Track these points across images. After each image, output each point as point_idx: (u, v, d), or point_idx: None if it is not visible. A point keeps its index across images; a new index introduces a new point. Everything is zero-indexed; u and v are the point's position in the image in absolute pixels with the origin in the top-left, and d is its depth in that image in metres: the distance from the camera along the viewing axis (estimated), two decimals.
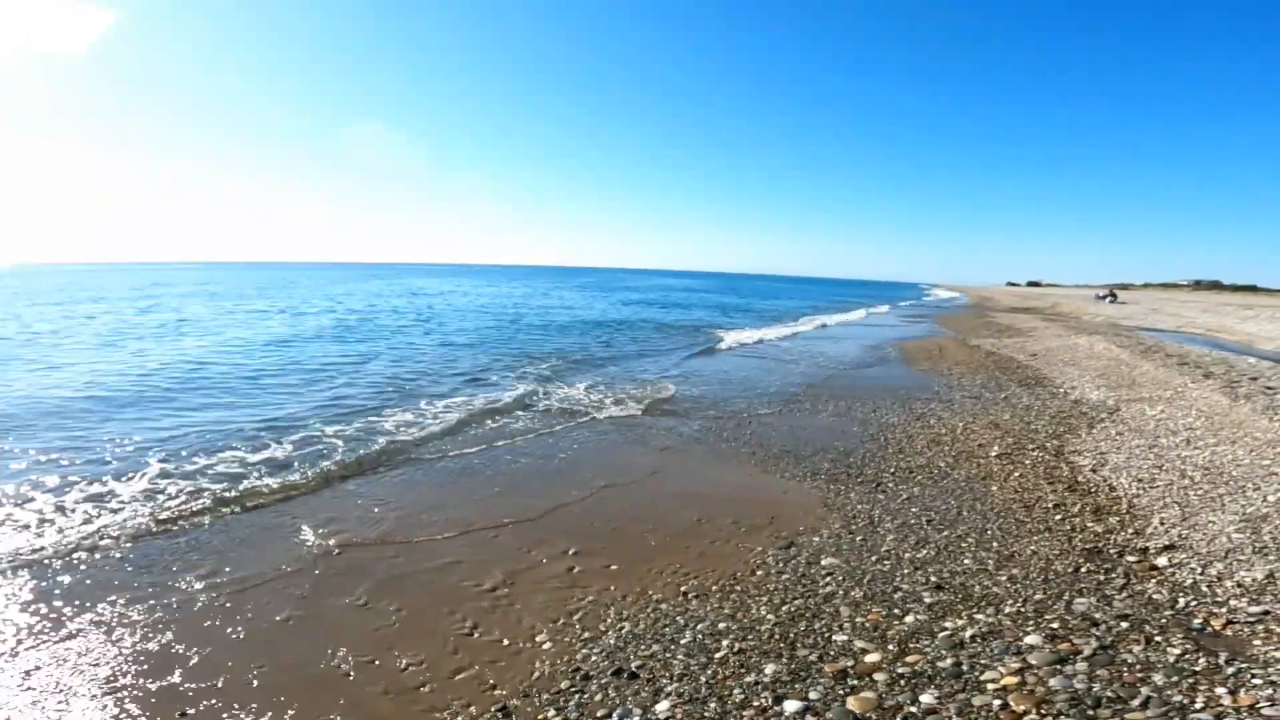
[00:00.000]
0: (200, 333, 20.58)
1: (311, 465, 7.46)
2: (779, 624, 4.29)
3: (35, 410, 9.84)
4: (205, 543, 5.58)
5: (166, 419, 9.47)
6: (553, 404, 11.00)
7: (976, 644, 3.89)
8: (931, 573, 4.97)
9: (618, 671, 3.82)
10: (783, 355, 18.57)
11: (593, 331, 23.10)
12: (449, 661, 3.99)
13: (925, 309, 48.90)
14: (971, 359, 17.40)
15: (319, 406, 10.51)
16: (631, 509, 6.53)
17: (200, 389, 11.76)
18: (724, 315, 35.17)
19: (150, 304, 33.02)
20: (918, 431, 9.38)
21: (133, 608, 4.51)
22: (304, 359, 15.44)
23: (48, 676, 3.74)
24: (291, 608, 4.56)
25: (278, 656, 4.01)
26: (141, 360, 14.64)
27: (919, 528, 5.90)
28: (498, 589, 4.87)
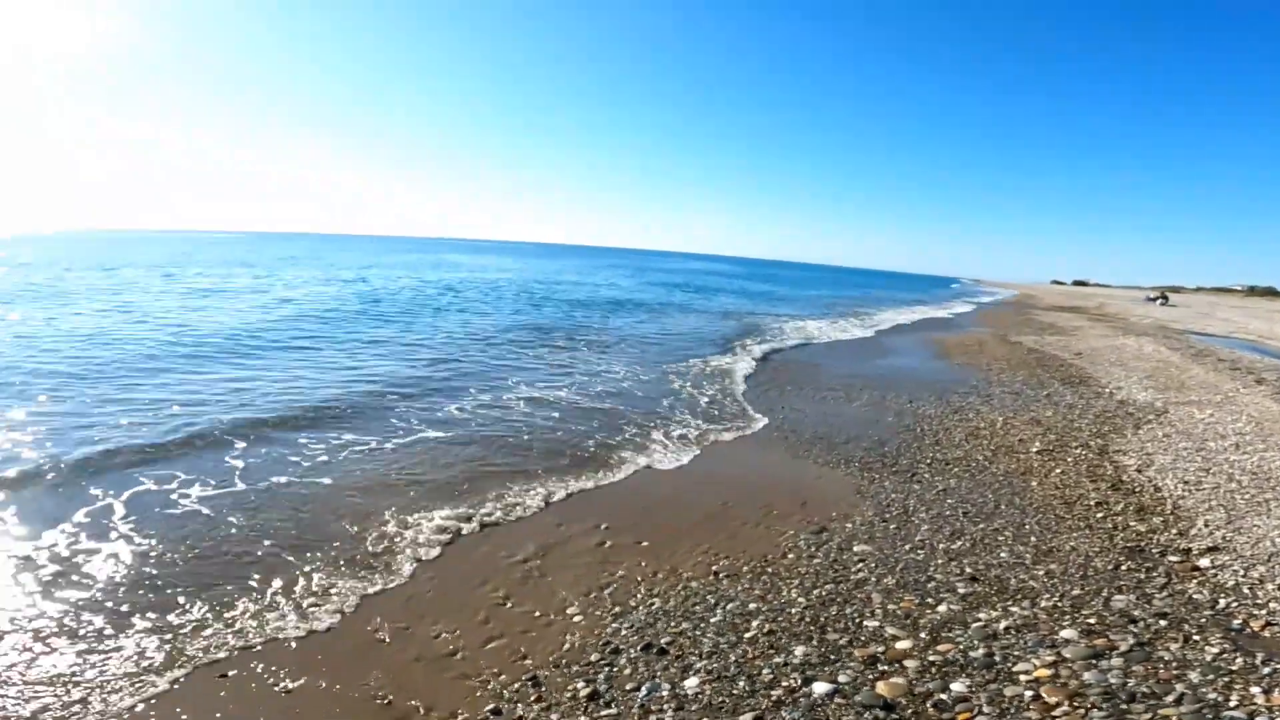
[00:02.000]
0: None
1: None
2: (809, 607, 4.28)
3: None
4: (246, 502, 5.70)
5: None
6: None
7: (1010, 636, 3.84)
8: (966, 564, 4.91)
9: (647, 646, 3.84)
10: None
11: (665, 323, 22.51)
12: (481, 631, 4.05)
13: (973, 305, 48.02)
14: (1012, 355, 17.09)
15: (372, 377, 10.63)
16: (662, 489, 6.56)
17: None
18: (792, 307, 34.17)
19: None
20: (955, 424, 9.25)
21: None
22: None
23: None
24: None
25: None
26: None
27: (955, 519, 5.83)
28: (529, 561, 4.93)
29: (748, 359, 14.54)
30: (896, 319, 29.49)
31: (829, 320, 26.22)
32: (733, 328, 20.81)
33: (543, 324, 18.62)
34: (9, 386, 8.83)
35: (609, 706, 3.34)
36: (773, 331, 20.25)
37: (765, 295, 41.77)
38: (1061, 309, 43.99)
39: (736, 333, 19.43)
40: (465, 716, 3.29)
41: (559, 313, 22.19)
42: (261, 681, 3.51)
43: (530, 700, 3.40)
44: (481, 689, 3.50)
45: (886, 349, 18.29)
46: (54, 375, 9.63)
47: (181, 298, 21.19)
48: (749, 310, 28.76)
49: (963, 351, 17.98)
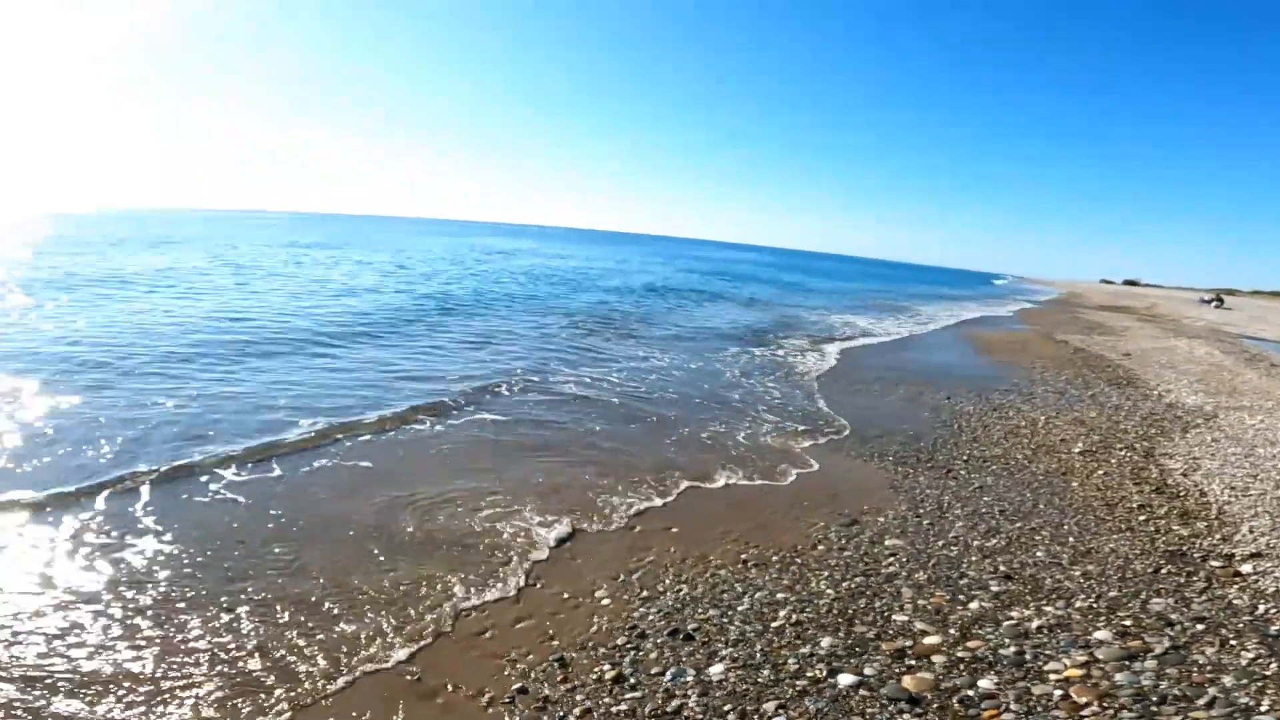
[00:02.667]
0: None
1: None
2: (838, 599, 4.26)
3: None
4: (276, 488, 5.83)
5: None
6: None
7: (1042, 635, 3.79)
8: (1001, 562, 4.85)
9: (674, 632, 3.86)
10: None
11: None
12: (510, 611, 4.10)
13: (1016, 302, 47.05)
14: (1057, 354, 16.74)
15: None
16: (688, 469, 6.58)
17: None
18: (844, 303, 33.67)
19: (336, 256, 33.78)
20: (994, 422, 9.10)
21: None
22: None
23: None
24: (365, 543, 4.76)
25: (350, 586, 4.20)
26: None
27: (990, 517, 5.75)
28: (562, 543, 4.98)
29: (785, 350, 14.43)
30: (935, 313, 29.06)
31: (864, 313, 25.93)
32: (767, 319, 20.67)
33: (600, 312, 18.60)
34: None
35: (634, 690, 3.37)
36: (808, 324, 20.10)
37: (798, 286, 41.41)
38: (1110, 308, 42.90)
39: (771, 324, 19.32)
40: (492, 695, 3.34)
41: (614, 299, 22.18)
42: (300, 657, 3.59)
43: (557, 681, 3.44)
44: (510, 668, 3.56)
45: (924, 344, 18.04)
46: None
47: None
48: (783, 301, 28.58)
49: (1004, 349, 17.65)
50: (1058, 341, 19.86)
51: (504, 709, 3.25)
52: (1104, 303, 51.05)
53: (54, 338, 10.28)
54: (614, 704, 3.27)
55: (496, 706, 3.26)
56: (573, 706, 3.25)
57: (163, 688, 3.24)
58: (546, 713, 3.22)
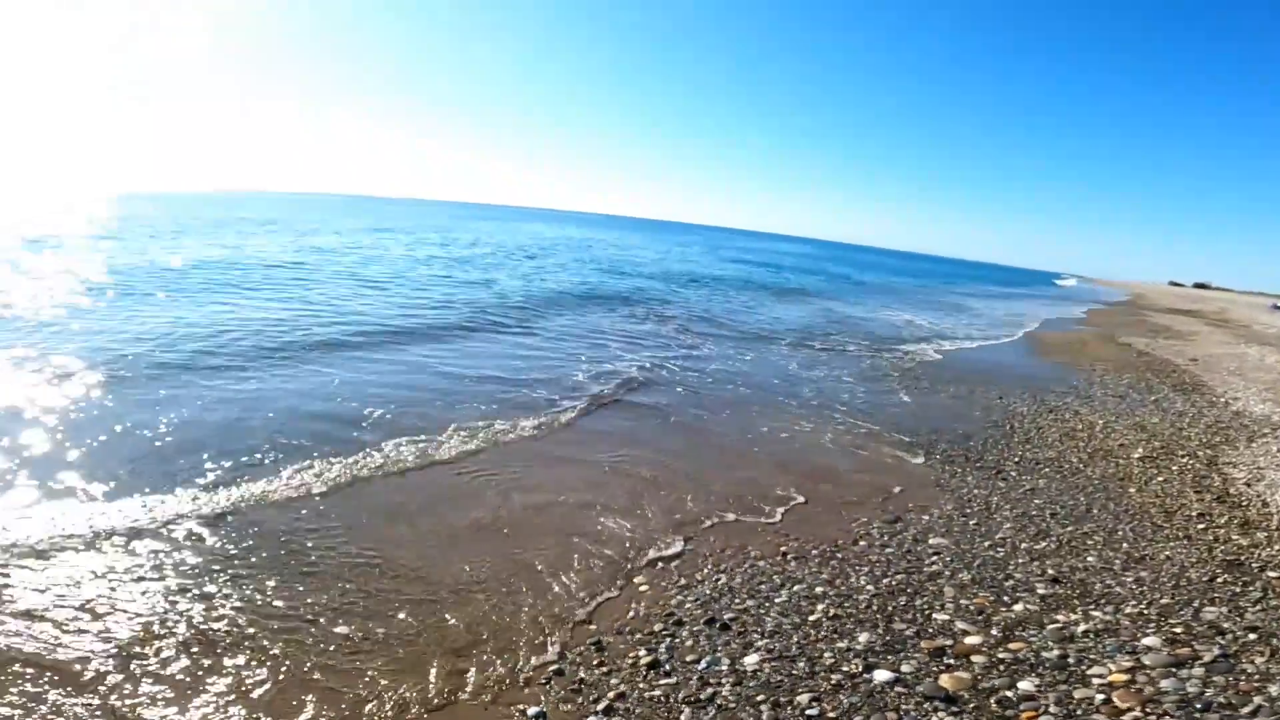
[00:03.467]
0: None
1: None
2: (877, 596, 4.22)
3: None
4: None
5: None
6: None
7: (1088, 639, 3.70)
8: (1049, 565, 4.74)
9: (710, 621, 3.88)
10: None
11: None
12: (549, 592, 4.16)
13: (1077, 302, 45.67)
14: (1119, 357, 16.22)
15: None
16: (733, 465, 6.57)
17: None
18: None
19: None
20: (1049, 424, 8.88)
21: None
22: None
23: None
24: (413, 526, 4.87)
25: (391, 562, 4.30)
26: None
27: (1041, 520, 5.63)
28: (602, 528, 5.02)
29: (848, 348, 14.26)
30: (992, 311, 28.40)
31: (916, 309, 25.49)
32: (823, 317, 20.40)
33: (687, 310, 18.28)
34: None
35: (668, 676, 3.40)
36: (855, 321, 19.79)
37: (849, 280, 40.75)
38: (1177, 312, 41.33)
39: (819, 320, 19.09)
40: (529, 674, 3.40)
41: (689, 294, 21.98)
42: (345, 628, 3.69)
43: (593, 664, 3.49)
44: (548, 648, 3.61)
45: (978, 342, 17.60)
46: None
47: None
48: (839, 296, 28.08)
49: (1063, 349, 17.17)
50: (1120, 344, 19.24)
51: (540, 689, 3.30)
52: (1172, 305, 49.20)
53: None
54: (648, 689, 3.30)
55: (533, 686, 3.32)
56: (607, 690, 3.29)
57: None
58: (581, 694, 3.27)
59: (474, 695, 3.25)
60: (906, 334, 17.83)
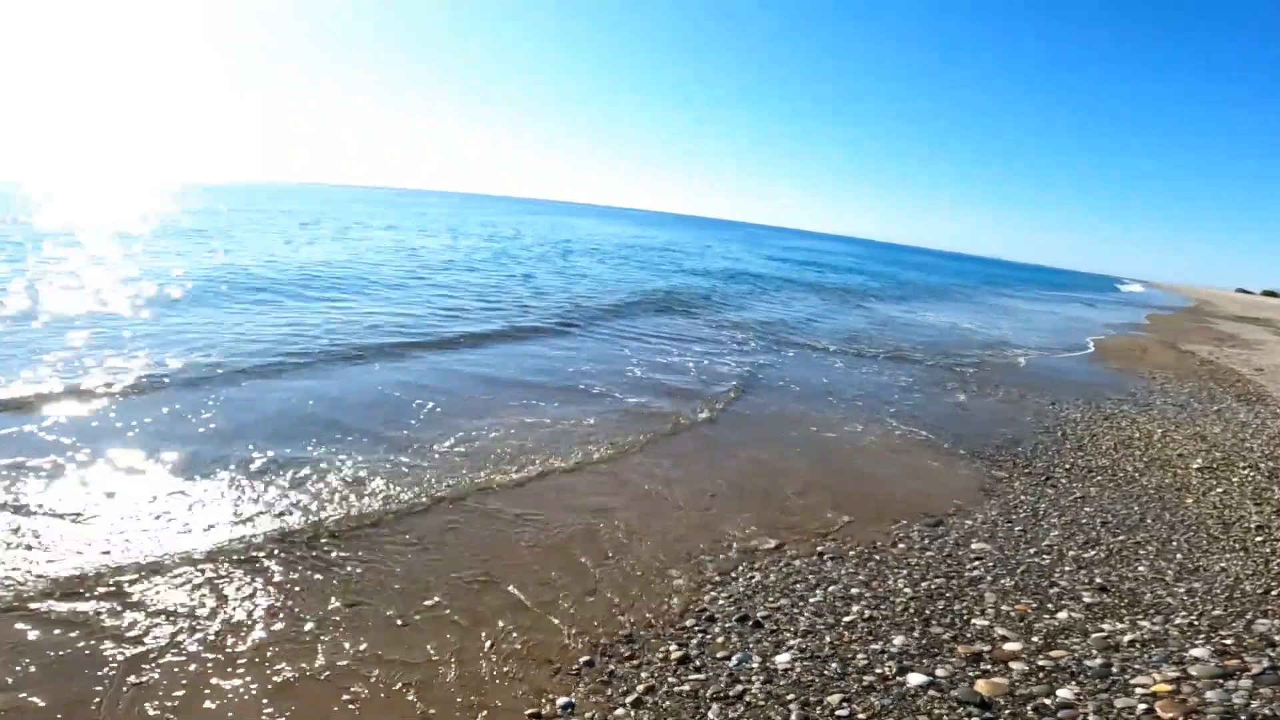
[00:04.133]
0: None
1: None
2: (915, 599, 4.15)
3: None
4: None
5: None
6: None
7: (1134, 649, 3.58)
8: (1097, 574, 4.60)
9: (743, 618, 3.85)
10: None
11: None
12: (582, 583, 4.18)
13: (1138, 307, 44.22)
14: (1180, 364, 15.65)
15: None
16: (772, 462, 6.53)
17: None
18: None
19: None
20: (1104, 431, 8.62)
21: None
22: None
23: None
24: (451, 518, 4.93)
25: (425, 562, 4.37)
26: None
27: (1091, 528, 5.47)
28: (635, 521, 5.03)
29: (875, 348, 14.03)
30: (1046, 315, 27.62)
31: (964, 311, 24.98)
32: (860, 317, 20.10)
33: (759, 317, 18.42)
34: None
35: (698, 671, 3.39)
36: (900, 323, 19.42)
37: (892, 279, 39.99)
38: (1244, 319, 39.69)
39: (862, 321, 18.79)
40: (560, 665, 3.42)
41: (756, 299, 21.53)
42: (381, 611, 3.75)
43: (623, 656, 3.50)
44: (579, 640, 3.63)
45: (1031, 345, 17.14)
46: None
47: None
48: (875, 294, 27.55)
49: (1121, 356, 16.64)
50: (1183, 351, 18.57)
51: (570, 679, 3.32)
52: (1238, 313, 47.28)
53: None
54: (677, 684, 3.29)
55: (563, 676, 3.34)
56: (636, 683, 3.29)
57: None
58: (611, 686, 3.27)
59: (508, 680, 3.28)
60: (954, 337, 17.41)
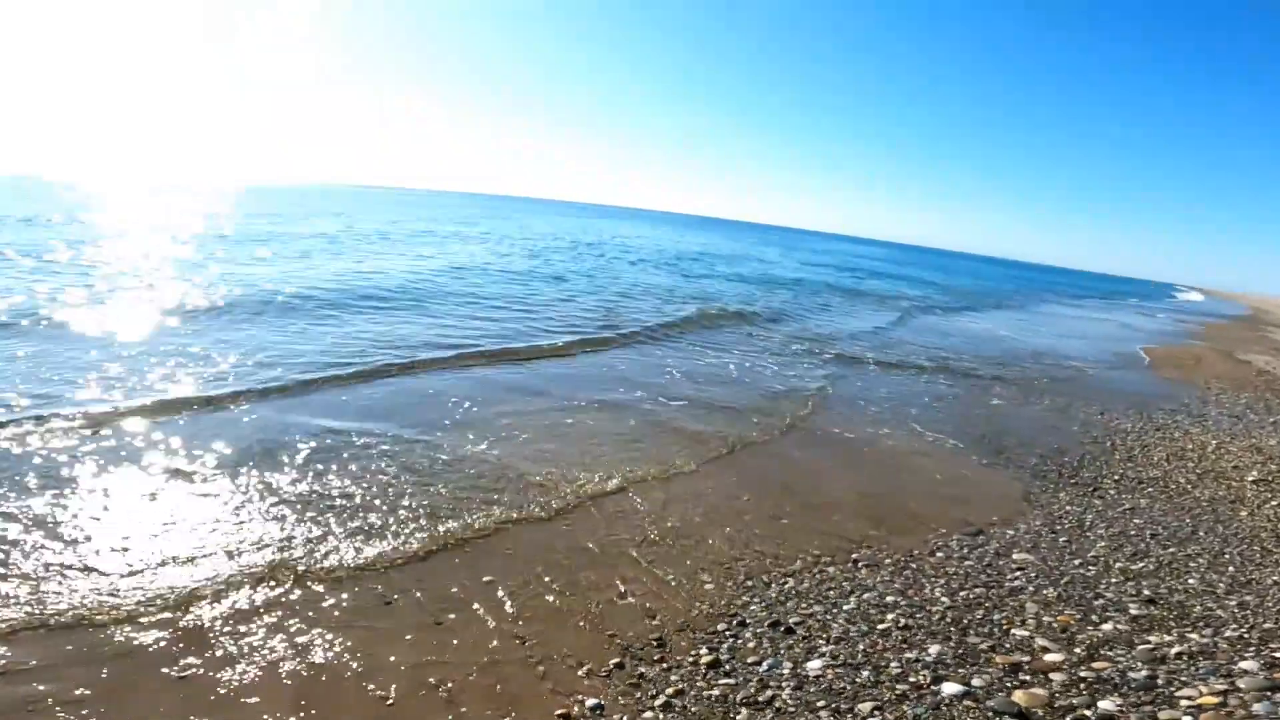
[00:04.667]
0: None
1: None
2: (952, 608, 4.06)
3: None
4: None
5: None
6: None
7: (1181, 661, 3.46)
8: (1145, 586, 4.46)
9: (775, 624, 3.82)
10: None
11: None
12: (615, 587, 4.18)
13: (1192, 316, 42.82)
14: (1237, 375, 15.12)
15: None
16: (808, 466, 6.49)
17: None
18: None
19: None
20: (1155, 442, 8.36)
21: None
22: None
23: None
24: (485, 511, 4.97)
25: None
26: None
27: (1140, 540, 5.32)
28: (671, 524, 5.03)
29: (914, 355, 13.78)
30: (1096, 322, 26.88)
31: (1009, 319, 24.48)
32: (900, 324, 19.76)
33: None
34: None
35: (728, 676, 3.36)
36: (942, 330, 19.02)
37: (932, 285, 39.13)
38: None
39: (903, 328, 18.44)
40: (590, 666, 3.42)
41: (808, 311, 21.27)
42: (418, 611, 3.80)
43: (654, 660, 3.49)
44: (609, 642, 3.63)
45: (1075, 353, 16.68)
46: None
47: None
48: (915, 300, 26.91)
49: (1174, 365, 16.13)
50: (1239, 361, 17.94)
51: (600, 681, 3.32)
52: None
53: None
54: (707, 688, 3.27)
55: (593, 678, 3.34)
56: (666, 686, 3.28)
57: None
58: (640, 689, 3.26)
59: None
60: (997, 345, 16.99)
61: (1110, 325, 27.75)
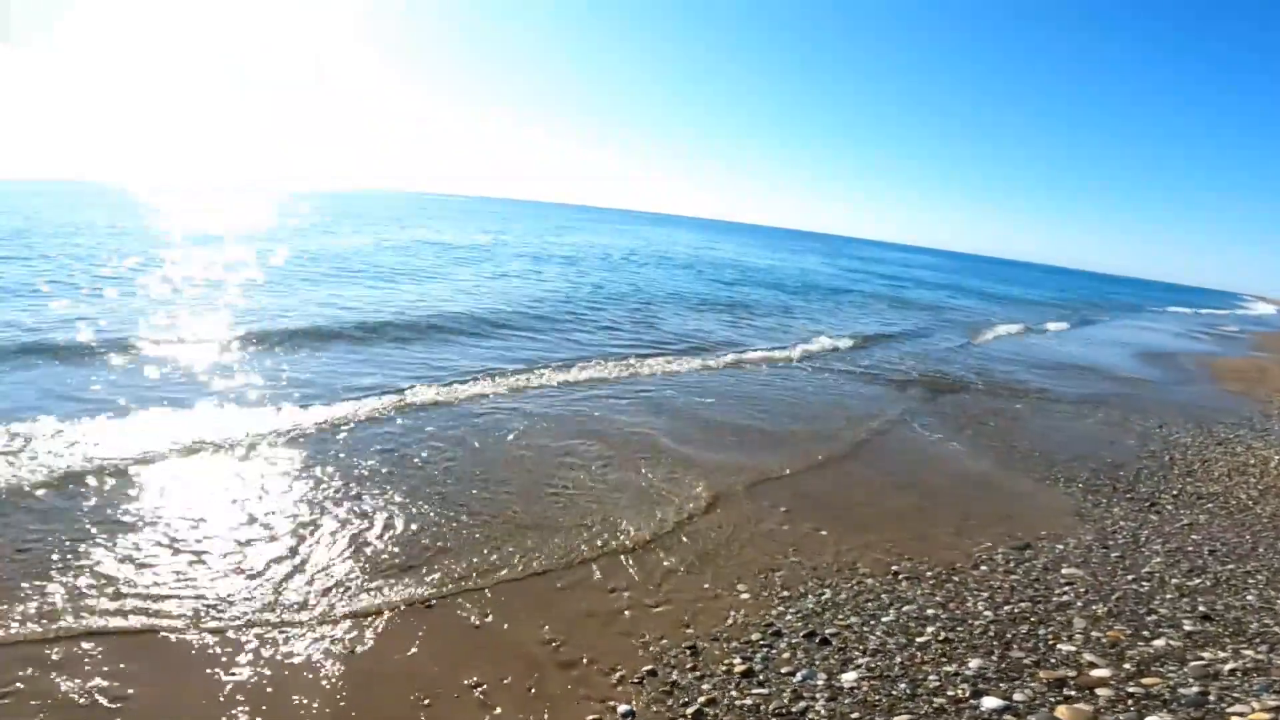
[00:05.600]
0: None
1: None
2: (996, 622, 3.97)
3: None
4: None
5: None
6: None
7: (1234, 678, 3.32)
8: (1201, 602, 4.30)
9: (810, 634, 3.77)
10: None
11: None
12: (651, 594, 4.18)
13: (1257, 326, 41.09)
14: None
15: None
16: (849, 479, 6.40)
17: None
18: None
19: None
20: (1217, 457, 8.06)
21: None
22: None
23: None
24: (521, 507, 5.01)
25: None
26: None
27: (1197, 556, 5.13)
28: (708, 533, 5.01)
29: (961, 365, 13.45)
30: (1155, 331, 25.93)
31: (1062, 327, 23.87)
32: (951, 333, 19.31)
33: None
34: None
35: (761, 686, 3.33)
36: (991, 338, 18.53)
37: (990, 296, 38.00)
38: None
39: (953, 336, 18.02)
40: (624, 673, 3.42)
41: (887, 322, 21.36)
42: (458, 615, 3.85)
43: (686, 668, 3.48)
44: (643, 649, 3.64)
45: (1132, 366, 16.12)
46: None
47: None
48: (972, 311, 26.26)
49: (1237, 378, 15.51)
50: None
51: (632, 688, 3.32)
52: None
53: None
54: (739, 697, 3.24)
55: (626, 685, 3.34)
56: (698, 694, 3.27)
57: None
58: (673, 696, 3.26)
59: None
60: (1050, 352, 16.60)
61: (1168, 335, 26.80)
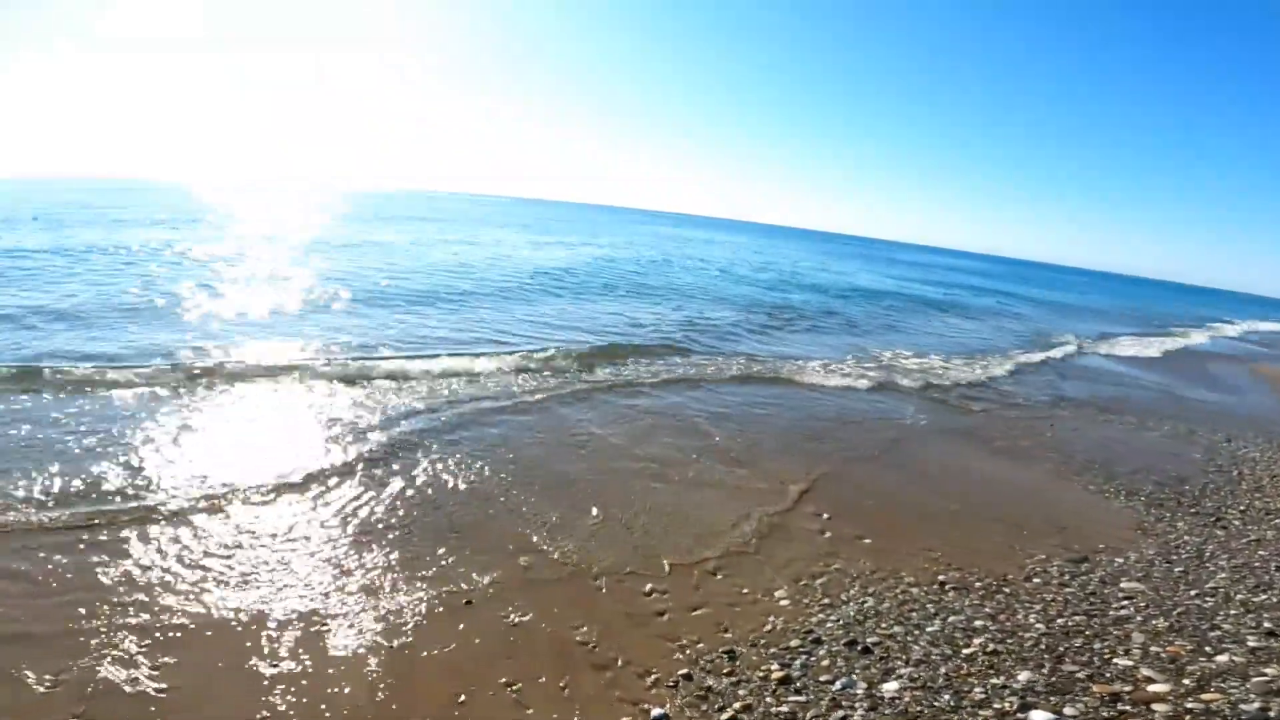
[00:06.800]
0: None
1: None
2: (1048, 635, 3.82)
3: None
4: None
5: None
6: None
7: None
8: (1267, 618, 4.08)
9: (851, 643, 3.68)
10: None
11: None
12: (689, 597, 4.13)
13: None
14: None
15: None
16: (898, 486, 6.26)
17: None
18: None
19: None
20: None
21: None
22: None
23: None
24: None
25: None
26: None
27: (1264, 572, 4.88)
28: (749, 539, 4.94)
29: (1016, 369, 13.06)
30: (1216, 341, 24.81)
31: (1121, 334, 23.05)
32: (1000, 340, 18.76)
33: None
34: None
35: (799, 693, 3.26)
36: (1046, 347, 17.94)
37: (1032, 300, 36.77)
38: None
39: (1003, 341, 17.50)
40: (658, 676, 3.38)
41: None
42: (495, 613, 3.85)
43: (723, 672, 3.43)
44: (679, 652, 3.59)
45: (1197, 376, 15.45)
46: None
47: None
48: (1019, 317, 25.47)
49: None
50: None
51: (666, 691, 3.28)
52: None
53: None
54: (775, 704, 3.18)
55: (660, 688, 3.30)
56: (733, 699, 3.21)
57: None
58: (707, 701, 3.21)
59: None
60: (1109, 362, 16.01)
61: (1234, 344, 25.65)
